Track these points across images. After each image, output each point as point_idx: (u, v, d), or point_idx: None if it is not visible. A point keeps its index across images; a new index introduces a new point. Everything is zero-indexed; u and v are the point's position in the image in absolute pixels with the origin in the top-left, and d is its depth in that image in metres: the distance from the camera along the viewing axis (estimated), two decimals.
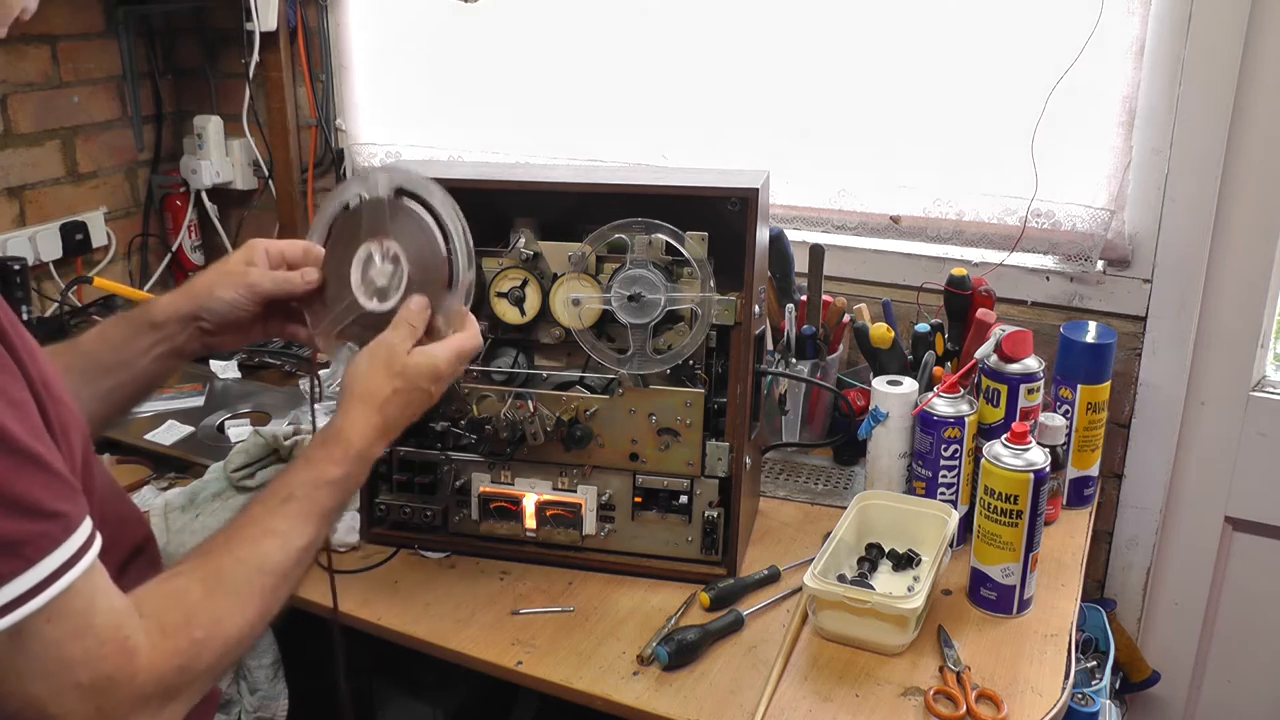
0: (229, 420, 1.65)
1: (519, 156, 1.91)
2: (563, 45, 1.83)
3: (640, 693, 1.05)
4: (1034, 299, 1.60)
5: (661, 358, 1.18)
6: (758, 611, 1.18)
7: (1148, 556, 1.62)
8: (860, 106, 1.63)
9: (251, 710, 1.33)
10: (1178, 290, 1.50)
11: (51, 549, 0.64)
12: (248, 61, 2.04)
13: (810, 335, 1.51)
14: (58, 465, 0.66)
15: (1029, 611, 1.19)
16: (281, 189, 2.16)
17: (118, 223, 2.21)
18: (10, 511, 0.62)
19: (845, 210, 1.68)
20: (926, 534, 1.25)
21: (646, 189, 1.21)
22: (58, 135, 2.07)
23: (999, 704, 1.03)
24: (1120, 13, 1.43)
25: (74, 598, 0.65)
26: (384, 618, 1.17)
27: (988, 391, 1.33)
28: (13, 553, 0.62)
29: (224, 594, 0.76)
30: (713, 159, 1.75)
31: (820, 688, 1.06)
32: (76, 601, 0.65)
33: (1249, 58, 1.39)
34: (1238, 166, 1.44)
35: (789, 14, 1.64)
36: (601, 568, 1.26)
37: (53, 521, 0.64)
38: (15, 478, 0.62)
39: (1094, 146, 1.50)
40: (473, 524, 1.28)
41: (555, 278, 1.21)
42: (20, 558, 0.62)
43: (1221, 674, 1.65)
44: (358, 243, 1.02)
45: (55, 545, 0.64)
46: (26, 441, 0.63)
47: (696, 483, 1.22)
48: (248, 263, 1.02)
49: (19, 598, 0.62)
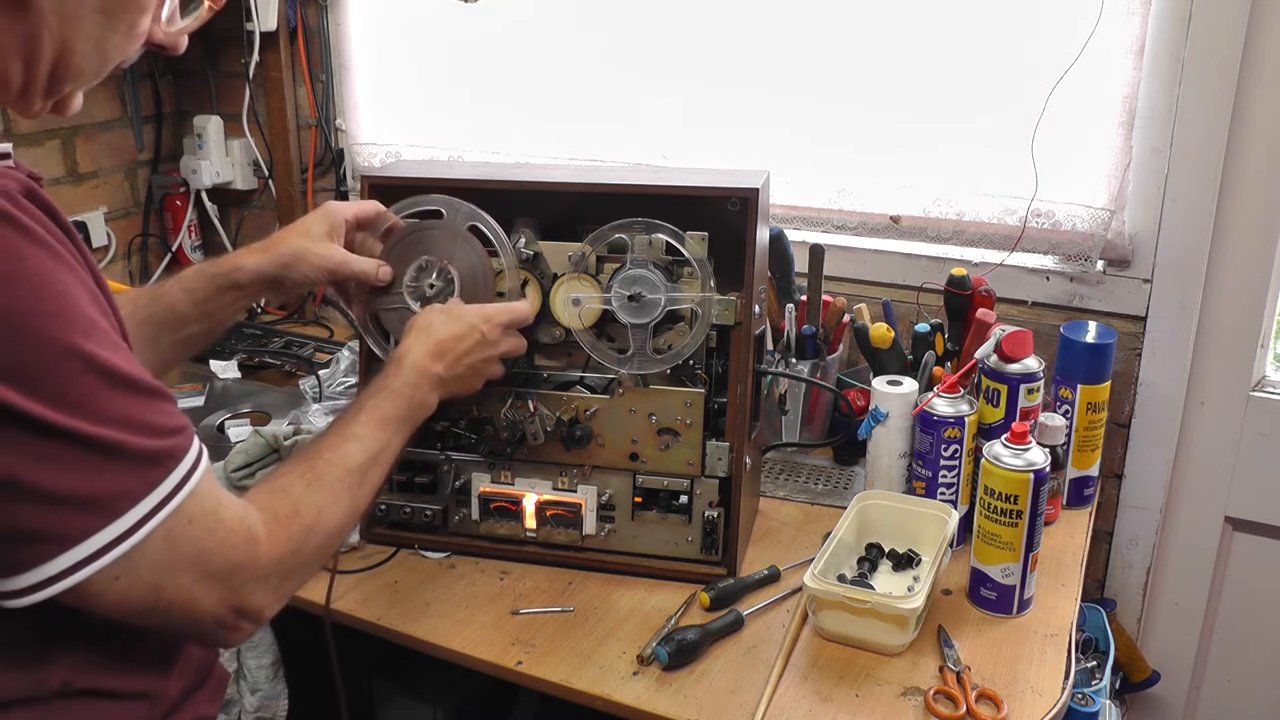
0: (229, 420, 1.65)
1: (519, 156, 1.91)
2: (563, 45, 1.83)
3: (640, 693, 1.05)
4: (1034, 299, 1.60)
5: (661, 358, 1.18)
6: (758, 611, 1.18)
7: (1148, 556, 1.62)
8: (860, 106, 1.63)
9: (251, 710, 1.33)
10: (1178, 290, 1.50)
11: (183, 457, 0.75)
12: (248, 61, 2.04)
13: (810, 335, 1.51)
14: (166, 390, 0.76)
15: (1029, 611, 1.19)
16: (281, 189, 2.16)
17: (118, 223, 2.21)
18: (151, 433, 0.73)
19: (845, 210, 1.68)
20: (926, 534, 1.25)
21: (646, 189, 1.21)
22: (58, 135, 2.06)
23: (999, 704, 1.03)
24: (1120, 13, 1.43)
25: (204, 498, 0.76)
26: (384, 618, 1.17)
27: (988, 391, 1.33)
28: (158, 463, 0.73)
29: (321, 488, 0.89)
30: (713, 159, 1.75)
31: (820, 688, 1.06)
32: (207, 502, 0.77)
33: (1249, 58, 1.39)
34: (1238, 166, 1.44)
35: (789, 14, 1.64)
36: (601, 568, 1.26)
37: (179, 436, 0.75)
38: (144, 408, 0.73)
39: (1094, 146, 1.50)
40: (473, 524, 1.28)
41: (555, 278, 1.21)
42: (164, 467, 0.73)
43: (1221, 674, 1.65)
44: (420, 252, 1.19)
45: (184, 454, 0.75)
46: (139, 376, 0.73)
47: (696, 483, 1.22)
48: (330, 233, 1.15)
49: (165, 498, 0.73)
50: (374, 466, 0.96)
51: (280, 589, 0.83)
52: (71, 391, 0.68)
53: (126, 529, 0.71)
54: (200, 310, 1.12)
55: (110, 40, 0.75)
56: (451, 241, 1.19)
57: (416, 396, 1.04)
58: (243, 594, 0.80)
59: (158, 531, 0.73)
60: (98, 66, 0.76)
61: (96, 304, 0.72)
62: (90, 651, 0.80)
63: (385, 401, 1.01)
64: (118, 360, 0.71)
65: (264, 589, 0.81)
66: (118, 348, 0.73)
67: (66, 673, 0.79)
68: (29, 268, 0.67)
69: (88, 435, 0.69)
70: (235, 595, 0.79)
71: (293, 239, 1.14)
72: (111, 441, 0.70)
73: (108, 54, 0.76)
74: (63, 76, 0.74)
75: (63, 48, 0.73)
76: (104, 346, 0.71)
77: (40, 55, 0.72)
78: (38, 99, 0.75)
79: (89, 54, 0.74)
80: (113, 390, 0.71)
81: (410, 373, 1.04)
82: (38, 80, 0.73)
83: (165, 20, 0.79)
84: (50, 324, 0.68)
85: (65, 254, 0.70)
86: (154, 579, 0.74)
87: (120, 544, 0.71)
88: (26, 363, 0.66)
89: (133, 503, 0.71)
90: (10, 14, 0.70)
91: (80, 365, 0.69)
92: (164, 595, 0.75)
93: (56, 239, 0.70)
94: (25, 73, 0.73)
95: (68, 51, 0.73)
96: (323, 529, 0.87)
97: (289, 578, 0.84)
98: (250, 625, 0.82)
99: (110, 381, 0.71)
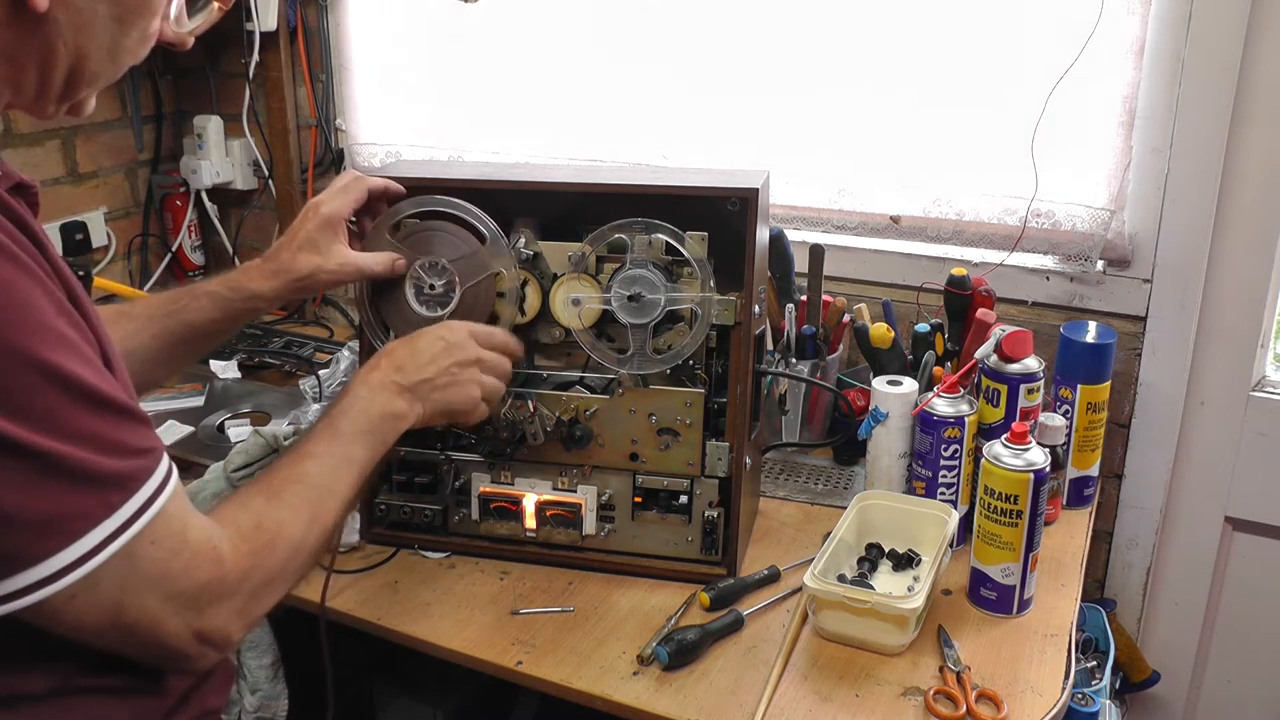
0: (229, 420, 1.65)
1: (519, 156, 1.91)
2: (563, 45, 1.83)
3: (640, 693, 1.05)
4: (1034, 299, 1.60)
5: (661, 358, 1.18)
6: (758, 611, 1.18)
7: (1148, 556, 1.62)
8: (860, 106, 1.63)
9: (251, 710, 1.33)
10: (1178, 290, 1.50)
11: (146, 479, 0.73)
12: (248, 61, 2.04)
13: (810, 335, 1.51)
14: (139, 409, 0.75)
15: (1029, 611, 1.19)
16: (281, 189, 2.16)
17: (118, 223, 2.21)
18: (115, 452, 0.71)
19: (845, 210, 1.68)
20: (926, 534, 1.25)
21: (646, 189, 1.21)
22: (57, 135, 2.06)
23: (999, 704, 1.03)
24: (1120, 13, 1.43)
25: (170, 520, 0.75)
26: (384, 618, 1.17)
27: (988, 391, 1.33)
28: (121, 485, 0.72)
29: (280, 504, 0.88)
30: (713, 159, 1.75)
31: (820, 688, 1.06)
32: (173, 523, 0.76)
33: (1249, 58, 1.39)
34: (1238, 166, 1.44)
35: (789, 14, 1.64)
36: (601, 568, 1.26)
37: (146, 456, 0.74)
38: (111, 426, 0.71)
39: (1094, 146, 1.50)
40: (473, 524, 1.28)
41: (555, 278, 1.21)
42: (126, 490, 0.72)
43: (1221, 674, 1.65)
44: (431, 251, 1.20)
45: (149, 475, 0.74)
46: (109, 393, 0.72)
47: (696, 483, 1.22)
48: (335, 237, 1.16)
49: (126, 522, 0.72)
50: (336, 481, 0.94)
51: (246, 610, 0.81)
52: (35, 405, 0.67)
53: (84, 553, 0.70)
54: (215, 328, 1.15)
55: (123, 45, 0.77)
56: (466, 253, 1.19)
57: (375, 407, 1.01)
58: (208, 615, 0.78)
59: (119, 553, 0.71)
60: (111, 71, 0.78)
61: (66, 317, 0.71)
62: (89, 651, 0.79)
63: (340, 417, 0.98)
64: (86, 375, 0.70)
65: (229, 610, 0.80)
66: (88, 363, 0.71)
67: (67, 669, 0.78)
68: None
69: (47, 451, 0.67)
70: (200, 617, 0.77)
71: (303, 258, 1.15)
72: (73, 461, 0.68)
73: (120, 59, 0.78)
74: (77, 82, 0.77)
75: (77, 55, 0.75)
76: (70, 359, 0.69)
77: (56, 63, 0.74)
78: (52, 103, 0.77)
79: (103, 60, 0.77)
80: (77, 406, 0.69)
81: (361, 386, 1.02)
82: (53, 87, 0.76)
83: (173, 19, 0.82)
84: (11, 334, 0.66)
85: (32, 265, 0.69)
86: (115, 599, 0.73)
87: (78, 568, 0.69)
88: None
89: (91, 525, 0.70)
90: (26, 26, 0.71)
91: (41, 378, 0.67)
92: (126, 616, 0.74)
93: (24, 249, 0.69)
94: (40, 80, 0.75)
95: (82, 58, 0.75)
96: (286, 542, 0.85)
97: (255, 597, 0.82)
98: (214, 651, 0.80)
99: (74, 397, 0.69)
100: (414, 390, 1.04)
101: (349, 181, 1.19)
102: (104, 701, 0.81)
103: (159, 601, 0.75)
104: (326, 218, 1.16)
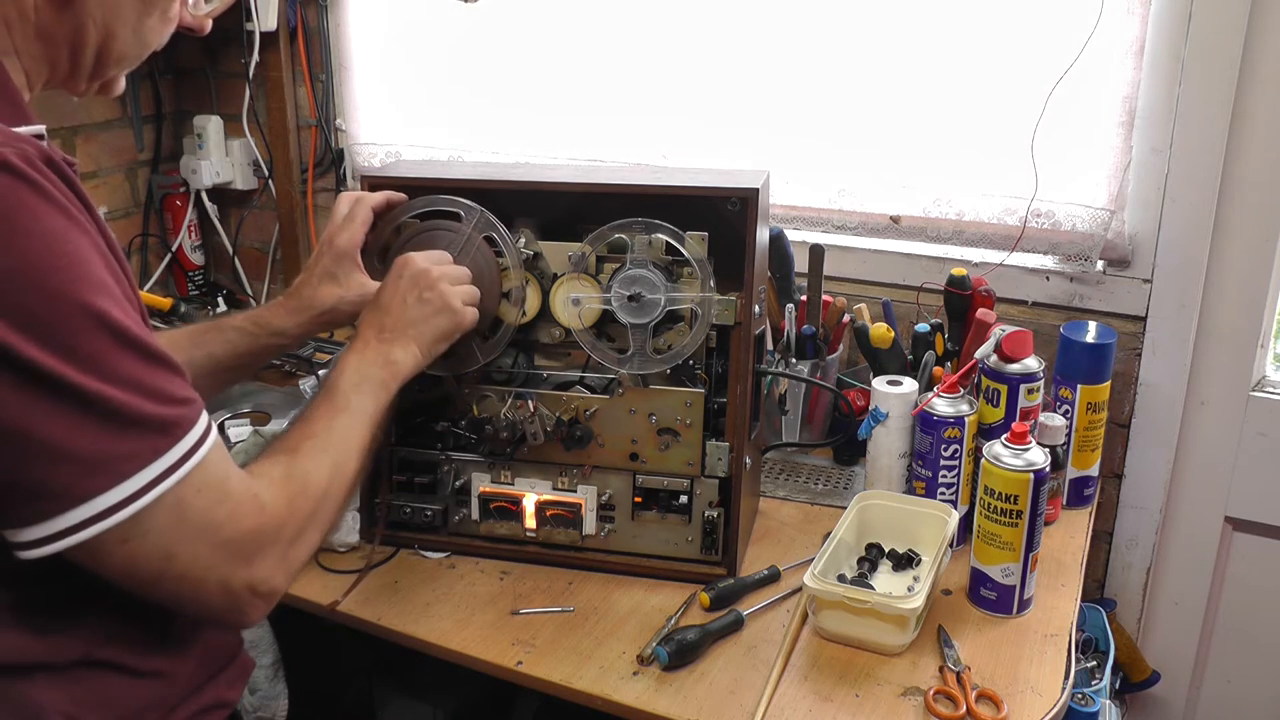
0: (229, 420, 1.65)
1: (519, 156, 1.91)
2: (563, 44, 1.83)
3: (640, 693, 1.05)
4: (1034, 299, 1.60)
5: (661, 358, 1.18)
6: (758, 611, 1.18)
7: (1148, 556, 1.62)
8: (860, 106, 1.63)
9: (251, 710, 1.33)
10: (1178, 290, 1.50)
11: (190, 428, 0.76)
12: (248, 61, 2.04)
13: (810, 335, 1.51)
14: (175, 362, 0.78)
15: (1029, 611, 1.19)
16: (281, 189, 2.16)
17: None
18: (159, 400, 0.74)
19: (845, 210, 1.68)
20: (926, 534, 1.25)
21: (646, 189, 1.21)
22: (57, 135, 2.06)
23: (999, 704, 1.03)
24: (1120, 13, 1.43)
25: (213, 468, 0.78)
26: (384, 618, 1.17)
27: (988, 391, 1.33)
28: (166, 431, 0.74)
29: (301, 456, 0.90)
30: (713, 159, 1.75)
31: (820, 688, 1.06)
32: (216, 472, 0.78)
33: (1249, 58, 1.39)
34: (1238, 166, 1.44)
35: (789, 14, 1.64)
36: (601, 568, 1.26)
37: (189, 406, 0.77)
38: (154, 374, 0.74)
39: (1094, 146, 1.50)
40: (473, 524, 1.28)
41: (555, 278, 1.21)
42: (171, 435, 0.74)
43: (1221, 674, 1.65)
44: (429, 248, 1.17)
45: (192, 425, 0.76)
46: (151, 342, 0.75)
47: (696, 483, 1.22)
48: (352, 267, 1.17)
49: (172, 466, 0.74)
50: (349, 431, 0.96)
51: (287, 559, 0.84)
52: (82, 347, 0.70)
53: (132, 493, 0.72)
54: (239, 363, 1.18)
55: (147, 25, 0.84)
56: (462, 243, 1.19)
57: (367, 357, 1.03)
58: (256, 564, 0.80)
59: (165, 499, 0.74)
60: (138, 51, 0.86)
61: (110, 270, 0.74)
62: (113, 624, 0.82)
63: (337, 380, 1.00)
64: (129, 323, 0.73)
65: (274, 559, 0.82)
66: (130, 313, 0.74)
67: (87, 642, 0.81)
68: (43, 225, 0.69)
69: (97, 393, 0.70)
70: (250, 566, 0.80)
71: (325, 292, 1.16)
72: (119, 403, 0.71)
73: (146, 39, 0.85)
74: (106, 61, 0.84)
75: (105, 35, 0.82)
76: (116, 308, 0.72)
77: (86, 43, 0.82)
78: (84, 81, 0.85)
79: (129, 39, 0.84)
80: (123, 351, 0.72)
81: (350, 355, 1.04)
82: (84, 66, 0.83)
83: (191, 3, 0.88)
84: (63, 279, 0.69)
85: (80, 218, 0.72)
86: (165, 547, 0.75)
87: (126, 507, 0.72)
88: (39, 315, 0.68)
89: (139, 466, 0.72)
90: (58, 7, 0.79)
91: (92, 323, 0.70)
92: (176, 564, 0.76)
93: (73, 204, 0.72)
94: (72, 59, 0.82)
95: (110, 38, 0.82)
96: (315, 489, 0.88)
97: (294, 544, 0.85)
98: (263, 604, 0.83)
99: (121, 342, 0.72)
100: (401, 336, 1.06)
101: (352, 206, 1.19)
102: (118, 682, 0.83)
103: (209, 550, 0.77)
104: (342, 249, 1.17)
